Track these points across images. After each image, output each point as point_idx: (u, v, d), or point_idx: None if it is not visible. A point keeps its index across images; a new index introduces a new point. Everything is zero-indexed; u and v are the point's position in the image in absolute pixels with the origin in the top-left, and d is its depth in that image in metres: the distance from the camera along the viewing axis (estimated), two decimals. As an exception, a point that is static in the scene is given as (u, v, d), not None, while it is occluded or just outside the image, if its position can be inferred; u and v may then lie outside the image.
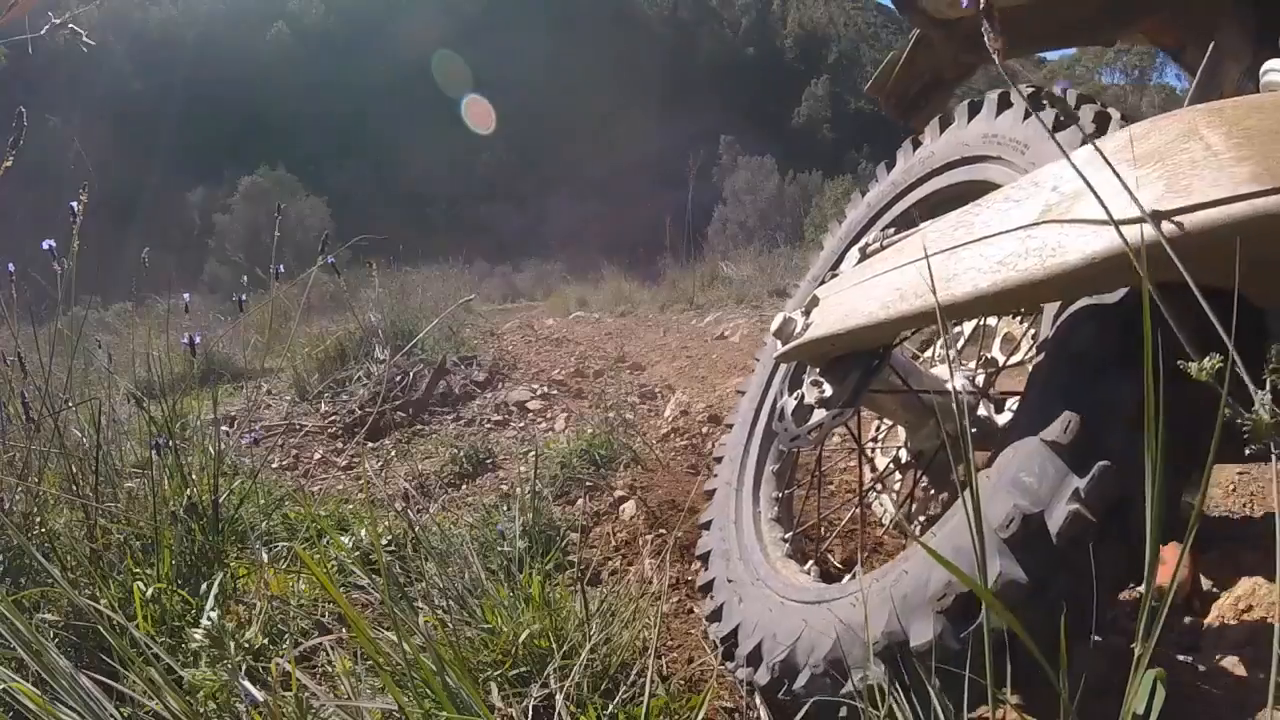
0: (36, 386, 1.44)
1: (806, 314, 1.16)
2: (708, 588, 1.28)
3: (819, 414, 1.11)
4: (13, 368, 1.46)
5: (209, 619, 1.09)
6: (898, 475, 1.42)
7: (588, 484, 2.04)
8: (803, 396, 1.15)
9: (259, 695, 0.85)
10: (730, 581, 1.22)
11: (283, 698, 0.87)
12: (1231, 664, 1.28)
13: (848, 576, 1.12)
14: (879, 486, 1.49)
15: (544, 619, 1.07)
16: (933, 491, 1.30)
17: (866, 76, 1.65)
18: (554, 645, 1.04)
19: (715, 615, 1.21)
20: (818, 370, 1.15)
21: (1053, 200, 0.74)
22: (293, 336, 3.54)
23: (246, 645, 1.08)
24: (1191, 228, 0.61)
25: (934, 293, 0.81)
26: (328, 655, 1.03)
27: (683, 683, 1.17)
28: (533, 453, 2.32)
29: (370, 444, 2.82)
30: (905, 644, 0.84)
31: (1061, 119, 0.99)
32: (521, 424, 2.97)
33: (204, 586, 1.22)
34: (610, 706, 0.99)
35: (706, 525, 1.40)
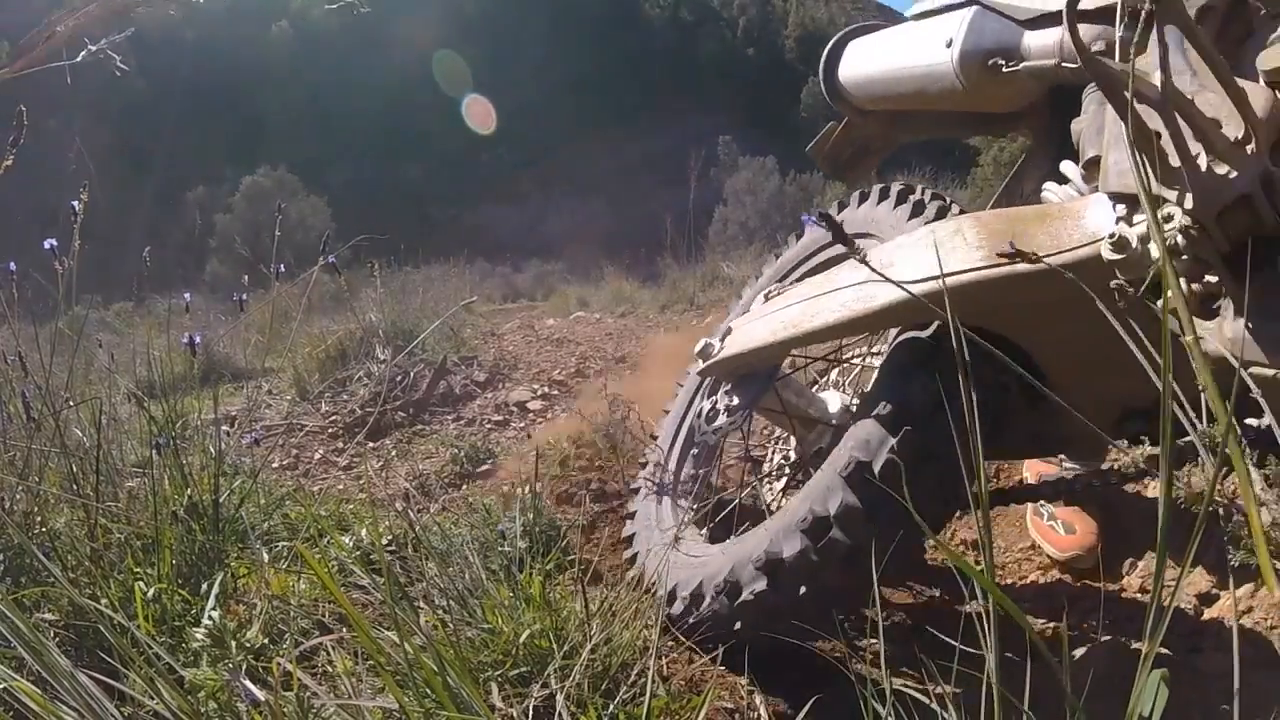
0: (37, 386, 1.44)
1: (721, 340, 1.53)
2: (630, 541, 1.64)
3: (722, 418, 1.53)
4: (14, 367, 1.47)
5: (210, 618, 1.09)
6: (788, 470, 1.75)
7: (591, 485, 2.04)
8: (715, 404, 1.57)
9: (260, 695, 0.85)
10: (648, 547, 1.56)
11: (283, 697, 0.87)
12: (1231, 664, 1.28)
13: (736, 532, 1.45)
14: (773, 477, 1.80)
15: (544, 619, 1.07)
16: None
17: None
18: (554, 645, 1.04)
19: (631, 562, 1.57)
20: (729, 385, 1.55)
21: (878, 266, 1.04)
22: (293, 336, 3.54)
23: (247, 645, 1.08)
24: (953, 284, 0.98)
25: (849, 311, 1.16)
26: (328, 655, 1.03)
27: (683, 683, 1.17)
28: (533, 453, 2.32)
29: (371, 444, 2.82)
30: (779, 558, 1.17)
31: (914, 208, 1.39)
32: (522, 424, 2.97)
33: (204, 586, 1.22)
34: (611, 706, 0.99)
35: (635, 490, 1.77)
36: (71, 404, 1.53)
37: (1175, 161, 0.77)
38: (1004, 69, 1.16)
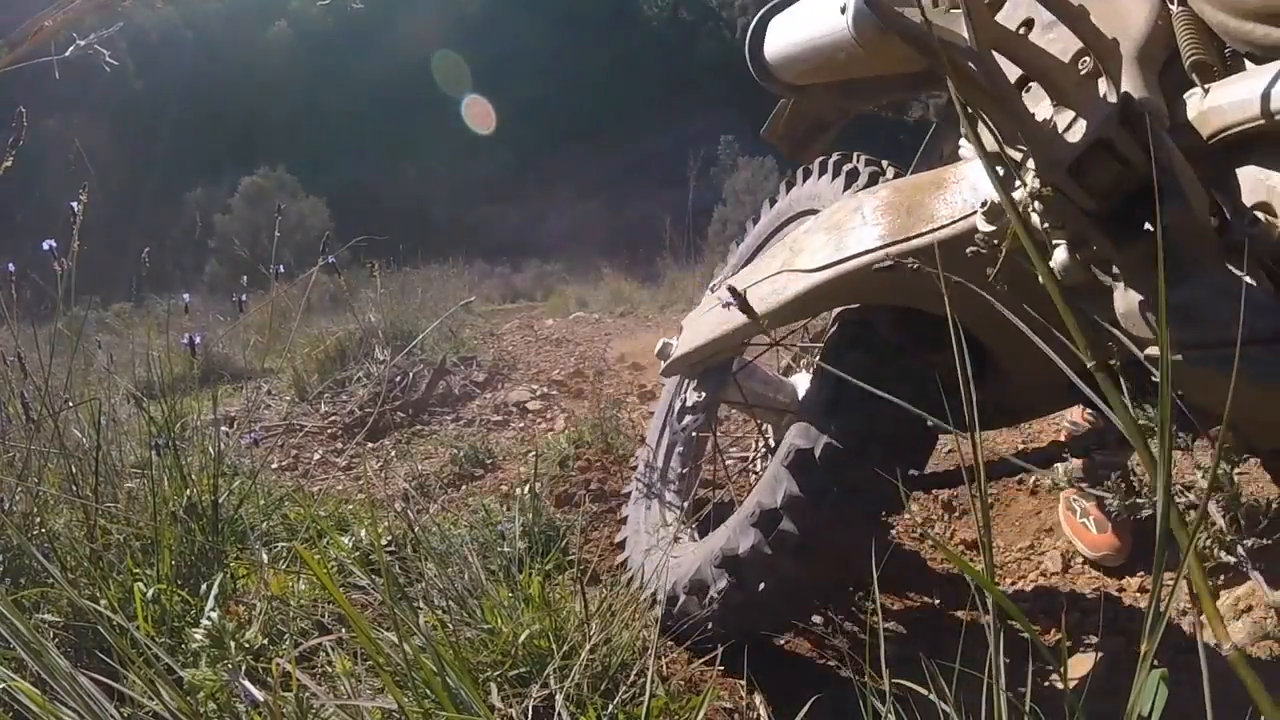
0: (36, 386, 1.43)
1: (675, 339, 1.53)
2: (622, 546, 1.66)
3: (688, 414, 1.55)
4: (13, 368, 1.46)
5: (209, 619, 1.09)
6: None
7: (591, 486, 2.04)
8: (685, 401, 1.57)
9: (259, 695, 0.85)
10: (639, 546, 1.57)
11: (283, 698, 0.87)
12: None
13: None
14: (755, 466, 1.82)
15: (544, 619, 1.07)
16: None
17: (869, 76, 1.72)
18: (554, 645, 1.04)
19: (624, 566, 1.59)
20: (694, 380, 1.55)
21: (787, 256, 1.11)
22: (292, 337, 3.54)
23: (246, 645, 1.08)
24: (843, 272, 0.97)
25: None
26: (328, 655, 1.03)
27: (683, 683, 1.17)
28: (532, 453, 2.32)
29: (370, 444, 2.82)
30: (735, 554, 1.18)
31: (847, 178, 1.37)
32: (521, 424, 2.97)
33: (204, 587, 1.22)
34: (610, 707, 0.99)
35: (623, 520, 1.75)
36: (71, 405, 1.53)
37: (1012, 115, 0.67)
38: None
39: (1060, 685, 0.64)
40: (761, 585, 1.17)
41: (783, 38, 1.51)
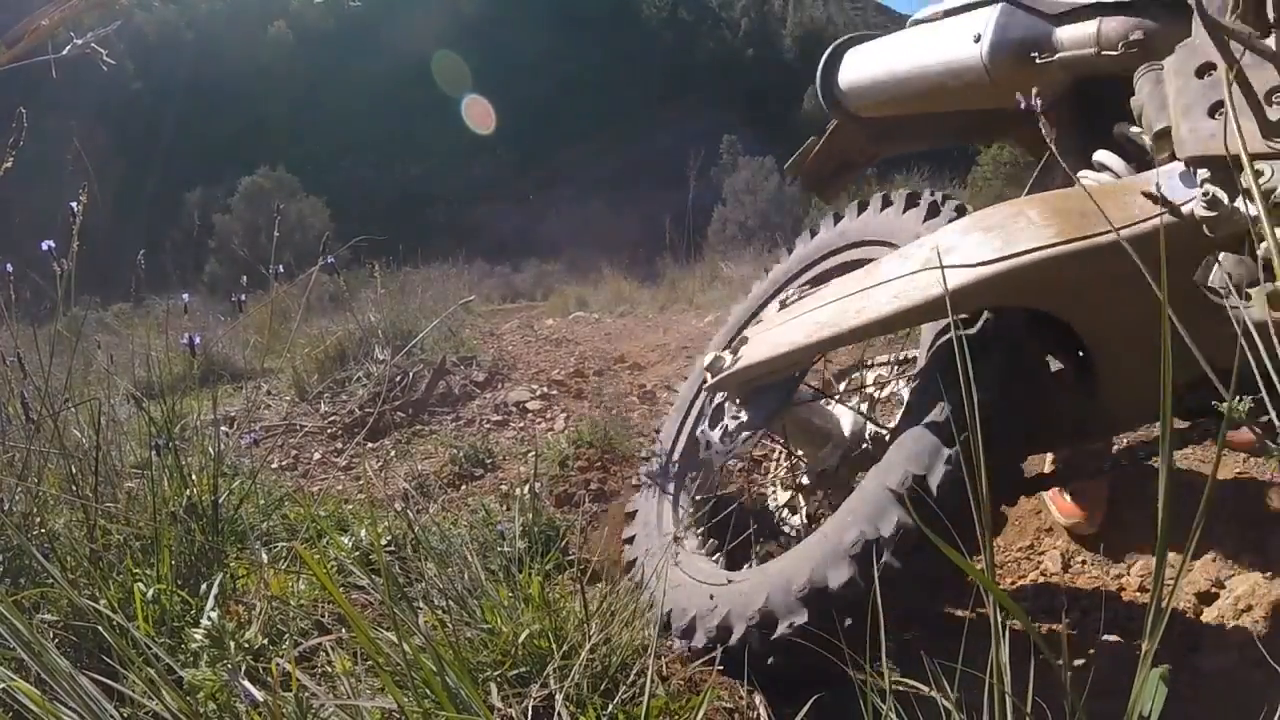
0: (36, 387, 1.43)
1: (734, 352, 1.43)
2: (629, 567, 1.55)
3: (742, 434, 1.44)
4: (12, 368, 1.46)
5: (209, 619, 1.09)
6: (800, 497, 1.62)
7: (591, 486, 2.04)
8: (722, 416, 1.49)
9: (259, 695, 0.85)
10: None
11: (283, 698, 0.87)
12: (1231, 663, 1.28)
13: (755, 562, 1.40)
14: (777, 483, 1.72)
15: (544, 619, 1.07)
16: (832, 504, 1.50)
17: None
18: (553, 645, 1.04)
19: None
20: (738, 400, 1.46)
21: (929, 256, 1.06)
22: (292, 337, 3.54)
23: (246, 645, 1.08)
24: (1017, 265, 0.96)
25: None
26: (327, 655, 1.03)
27: (682, 683, 1.17)
28: (532, 453, 2.32)
29: (370, 444, 2.82)
30: (825, 588, 1.09)
31: (929, 210, 1.37)
32: (521, 424, 2.97)
33: (204, 587, 1.22)
34: (610, 706, 0.99)
35: (632, 515, 1.67)
36: (70, 405, 1.53)
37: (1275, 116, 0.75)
38: (1038, 60, 1.19)
39: (1061, 684, 0.64)
40: (849, 621, 1.07)
41: (870, 66, 1.58)
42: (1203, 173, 0.88)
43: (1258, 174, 0.77)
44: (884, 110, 1.59)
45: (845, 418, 1.50)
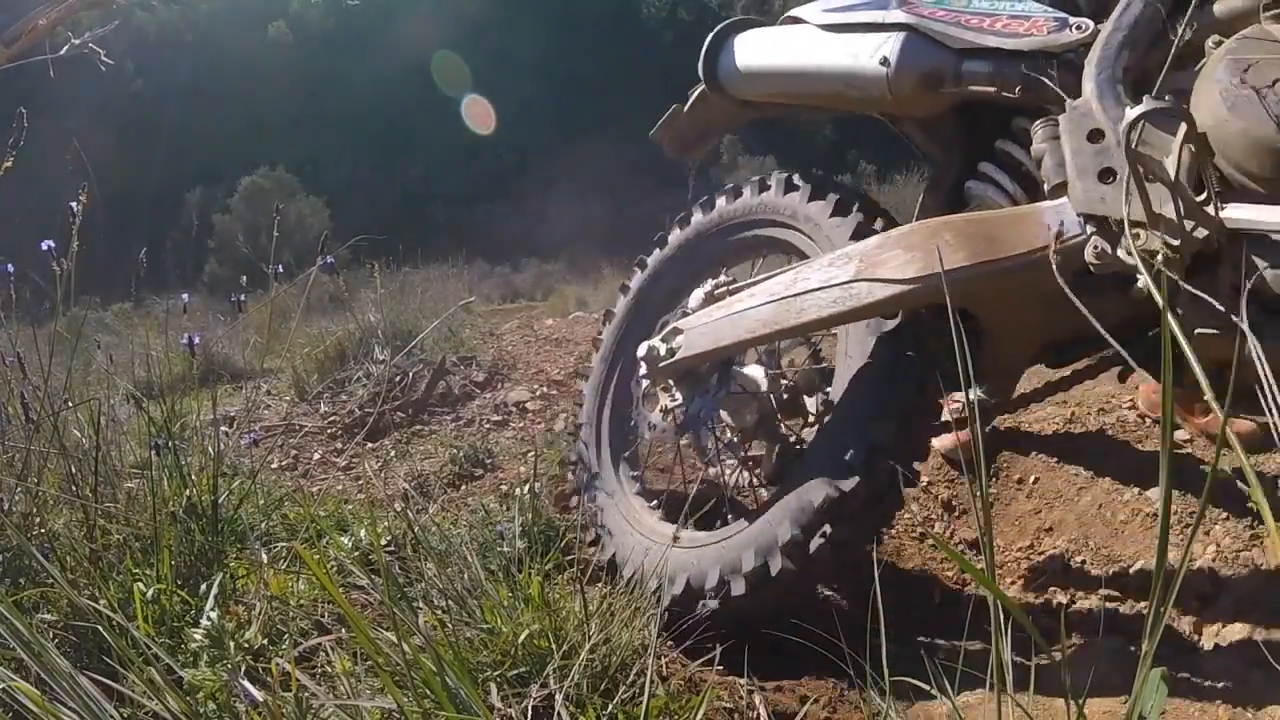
0: (36, 387, 1.43)
1: (667, 341, 1.59)
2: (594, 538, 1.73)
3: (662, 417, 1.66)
4: (12, 368, 1.46)
5: (209, 619, 1.09)
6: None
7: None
8: (665, 405, 1.66)
9: (259, 695, 0.85)
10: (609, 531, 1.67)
11: (282, 698, 0.87)
12: (1231, 663, 1.28)
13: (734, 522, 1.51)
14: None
15: (543, 619, 1.07)
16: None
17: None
18: (553, 645, 1.04)
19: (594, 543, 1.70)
20: (672, 384, 1.64)
21: (862, 267, 1.28)
22: (292, 337, 3.54)
23: (246, 645, 1.08)
24: (936, 283, 1.18)
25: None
26: (327, 655, 1.03)
27: (682, 683, 1.17)
28: (532, 453, 2.32)
29: (370, 444, 2.82)
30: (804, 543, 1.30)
31: (837, 207, 1.52)
32: (521, 424, 2.97)
33: (204, 587, 1.22)
34: (610, 706, 0.99)
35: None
36: (70, 405, 1.53)
37: (1156, 207, 1.00)
38: (942, 90, 1.37)
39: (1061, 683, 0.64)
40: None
41: (763, 57, 1.70)
42: (1091, 226, 1.10)
43: (1136, 236, 1.01)
44: (770, 98, 1.73)
45: (757, 374, 1.61)
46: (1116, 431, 1.99)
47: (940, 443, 2.01)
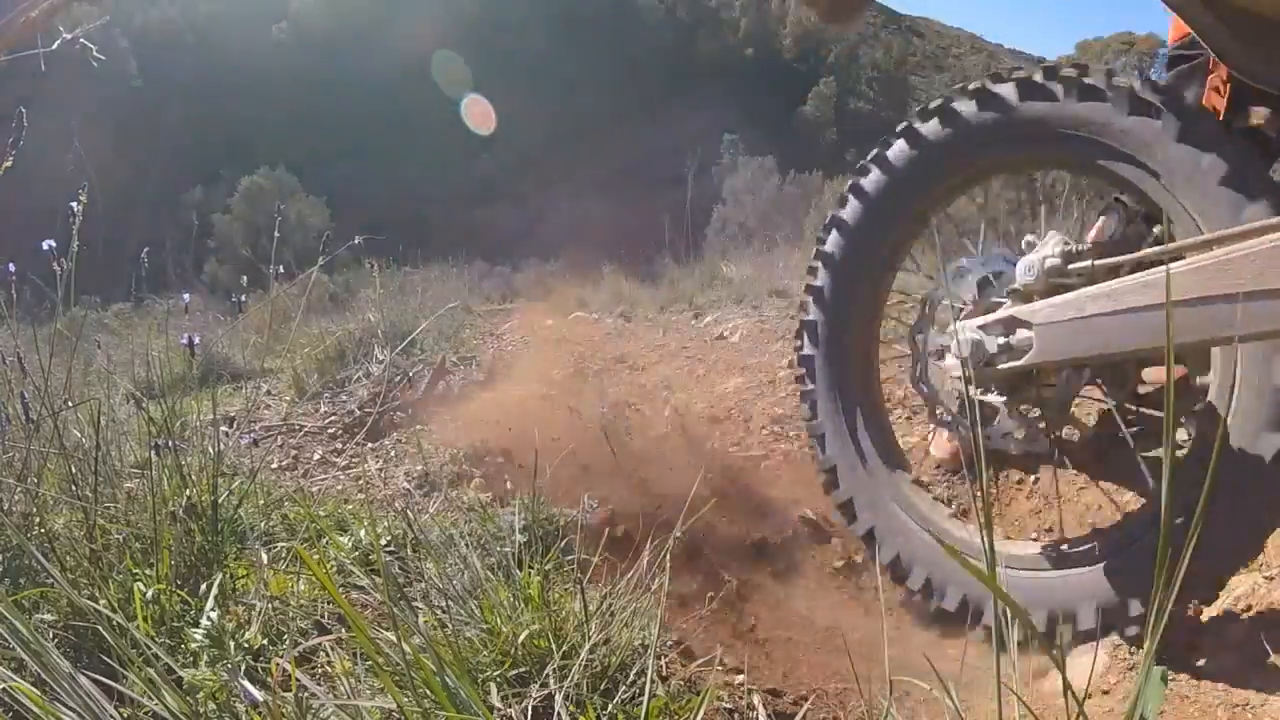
0: (36, 387, 1.43)
1: (1008, 334, 1.26)
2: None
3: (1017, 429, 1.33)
4: (12, 368, 1.46)
5: (209, 619, 1.09)
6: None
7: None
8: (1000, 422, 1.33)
9: (258, 695, 0.85)
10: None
11: (282, 698, 0.86)
12: (1231, 663, 1.28)
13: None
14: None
15: (543, 619, 1.07)
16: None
17: (867, 76, 1.71)
18: (553, 645, 1.04)
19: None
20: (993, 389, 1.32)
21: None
22: (292, 337, 3.54)
23: (246, 645, 1.08)
24: None
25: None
26: (327, 655, 1.03)
27: (682, 683, 1.17)
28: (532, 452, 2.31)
29: (370, 444, 2.82)
30: None
31: None
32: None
33: (203, 587, 1.22)
34: (610, 706, 0.99)
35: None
36: (70, 405, 1.53)
37: None
38: None
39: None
40: None
41: None
42: None
43: None
44: None
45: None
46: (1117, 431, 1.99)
47: (937, 451, 2.05)
